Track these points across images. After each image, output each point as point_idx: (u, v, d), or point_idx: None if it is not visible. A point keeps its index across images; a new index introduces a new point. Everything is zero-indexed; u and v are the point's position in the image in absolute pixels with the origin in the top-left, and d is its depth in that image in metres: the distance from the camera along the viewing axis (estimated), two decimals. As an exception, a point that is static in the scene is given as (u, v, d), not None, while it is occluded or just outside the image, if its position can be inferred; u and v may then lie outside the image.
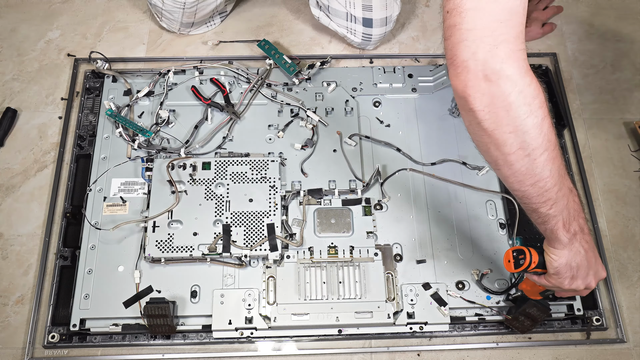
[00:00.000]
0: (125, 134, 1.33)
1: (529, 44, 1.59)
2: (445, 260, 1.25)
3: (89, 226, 1.24)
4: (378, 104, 1.42)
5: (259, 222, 1.23)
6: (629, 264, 1.31)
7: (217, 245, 1.20)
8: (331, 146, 1.35)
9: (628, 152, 1.44)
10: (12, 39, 1.55)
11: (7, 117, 1.40)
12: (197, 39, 1.56)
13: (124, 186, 1.29)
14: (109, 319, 1.17)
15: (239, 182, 1.27)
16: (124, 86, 1.41)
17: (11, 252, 1.28)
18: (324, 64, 1.42)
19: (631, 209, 1.37)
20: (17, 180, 1.36)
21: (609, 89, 1.53)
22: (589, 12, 1.66)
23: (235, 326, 1.16)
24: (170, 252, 1.19)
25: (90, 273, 1.20)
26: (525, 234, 1.26)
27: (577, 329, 1.22)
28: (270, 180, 1.27)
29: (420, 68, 1.46)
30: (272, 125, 1.38)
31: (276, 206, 1.25)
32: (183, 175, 1.27)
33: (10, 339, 1.20)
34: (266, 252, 1.20)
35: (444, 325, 1.18)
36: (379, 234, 1.26)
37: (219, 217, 1.23)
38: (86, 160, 1.34)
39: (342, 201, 1.29)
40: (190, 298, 1.19)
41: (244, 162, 1.29)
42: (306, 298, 1.18)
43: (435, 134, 1.39)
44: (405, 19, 1.63)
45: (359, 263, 1.21)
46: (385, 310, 1.17)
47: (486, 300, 1.21)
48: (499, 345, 1.21)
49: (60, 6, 1.61)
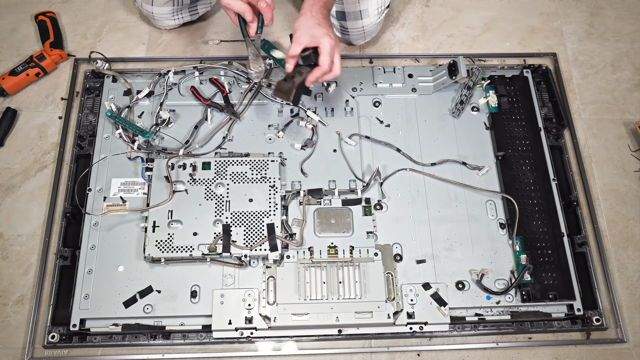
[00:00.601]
0: (125, 135, 1.33)
1: (528, 44, 1.59)
2: (445, 260, 1.25)
3: (89, 226, 1.24)
4: (378, 104, 1.42)
5: (259, 222, 1.23)
6: (629, 264, 1.31)
7: (217, 245, 1.20)
8: (331, 146, 1.35)
9: (628, 152, 1.44)
10: (12, 39, 1.55)
11: (7, 117, 1.41)
12: (197, 39, 1.56)
13: (124, 186, 1.29)
14: (108, 319, 1.17)
15: (239, 182, 1.27)
16: (124, 86, 1.41)
17: (11, 252, 1.28)
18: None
19: (631, 209, 1.37)
20: (17, 180, 1.36)
21: (609, 89, 1.53)
22: (589, 12, 1.67)
23: (235, 326, 1.16)
24: (170, 252, 1.19)
25: (90, 273, 1.20)
26: (525, 234, 1.26)
27: (577, 329, 1.22)
28: (270, 180, 1.27)
29: (420, 68, 1.46)
30: (272, 125, 1.38)
31: (276, 206, 1.25)
32: (183, 175, 1.27)
33: (10, 339, 1.20)
34: (266, 252, 1.20)
35: (444, 325, 1.18)
36: (379, 234, 1.26)
37: (219, 217, 1.23)
38: (86, 160, 1.34)
39: (342, 201, 1.29)
40: (190, 298, 1.19)
41: (244, 162, 1.29)
42: (306, 298, 1.18)
43: (435, 134, 1.39)
44: (405, 19, 1.63)
45: (359, 263, 1.21)
46: (385, 310, 1.17)
47: (486, 300, 1.21)
48: (499, 345, 1.21)
49: (60, 6, 1.61)
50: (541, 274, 1.23)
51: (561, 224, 1.28)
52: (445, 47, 1.59)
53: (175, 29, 1.57)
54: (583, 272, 1.27)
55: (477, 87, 1.43)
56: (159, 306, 1.18)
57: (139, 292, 1.18)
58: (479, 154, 1.36)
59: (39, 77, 1.47)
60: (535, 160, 1.34)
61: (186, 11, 1.52)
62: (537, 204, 1.30)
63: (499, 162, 1.34)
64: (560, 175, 1.37)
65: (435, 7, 1.67)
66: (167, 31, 1.57)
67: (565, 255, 1.25)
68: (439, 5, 1.67)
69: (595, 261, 1.29)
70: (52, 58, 1.47)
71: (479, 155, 1.36)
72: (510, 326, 1.21)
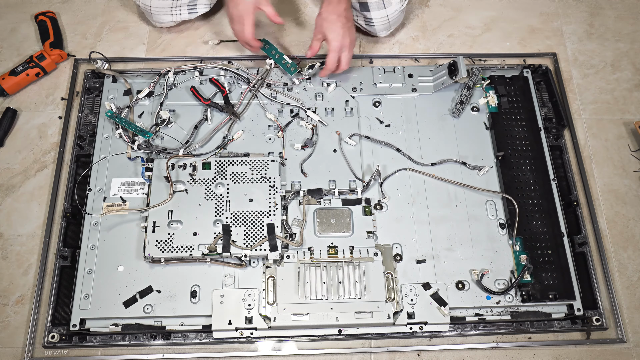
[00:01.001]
0: (125, 135, 1.33)
1: (528, 44, 1.59)
2: (445, 260, 1.25)
3: (89, 226, 1.24)
4: (378, 104, 1.42)
5: (259, 222, 1.23)
6: (629, 264, 1.31)
7: (217, 245, 1.20)
8: (331, 146, 1.35)
9: (628, 152, 1.44)
10: (12, 39, 1.55)
11: (7, 117, 1.41)
12: (197, 39, 1.56)
13: (124, 186, 1.29)
14: (108, 319, 1.17)
15: (239, 182, 1.27)
16: (124, 86, 1.41)
17: (11, 252, 1.28)
18: (324, 64, 1.43)
19: (631, 209, 1.37)
20: (17, 180, 1.36)
21: (609, 89, 1.53)
22: (589, 12, 1.67)
23: (235, 326, 1.16)
24: (170, 252, 1.19)
25: (90, 273, 1.20)
26: (525, 234, 1.26)
27: (577, 329, 1.22)
28: (270, 180, 1.27)
29: (420, 68, 1.46)
30: (272, 125, 1.38)
31: (276, 206, 1.25)
32: (183, 175, 1.27)
33: (10, 339, 1.20)
34: (266, 252, 1.20)
35: (444, 325, 1.18)
36: (379, 234, 1.26)
37: (219, 217, 1.23)
38: (86, 160, 1.34)
39: (342, 201, 1.29)
40: (190, 298, 1.19)
41: (244, 162, 1.29)
42: (306, 298, 1.18)
43: (435, 134, 1.39)
44: (405, 18, 1.63)
45: (359, 263, 1.21)
46: (385, 310, 1.17)
47: (486, 300, 1.21)
48: (499, 345, 1.21)
49: (60, 6, 1.61)
50: (541, 274, 1.23)
51: (561, 224, 1.28)
52: (445, 47, 1.59)
53: (175, 29, 1.57)
54: (583, 272, 1.27)
55: (477, 87, 1.43)
56: (159, 306, 1.18)
57: (139, 292, 1.19)
58: (479, 154, 1.36)
59: (39, 77, 1.47)
60: (535, 160, 1.34)
61: (185, 8, 1.51)
62: (537, 204, 1.30)
63: (499, 162, 1.34)
64: (560, 175, 1.37)
65: (435, 7, 1.67)
66: (167, 31, 1.57)
67: (565, 255, 1.25)
68: (439, 5, 1.67)
69: (595, 261, 1.29)
70: (52, 58, 1.47)
71: (478, 155, 1.36)
72: (510, 326, 1.21)
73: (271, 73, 1.43)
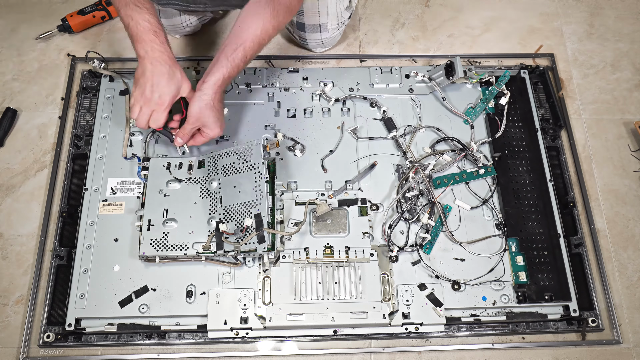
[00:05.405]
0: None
1: (528, 44, 1.59)
2: (441, 261, 1.24)
3: (85, 225, 1.25)
4: (374, 104, 1.41)
5: (249, 213, 1.19)
6: (629, 264, 1.30)
7: (211, 243, 1.19)
8: (331, 146, 1.36)
9: (628, 152, 1.43)
10: (12, 39, 1.56)
11: (7, 117, 1.41)
12: (196, 39, 1.57)
13: (120, 185, 1.29)
14: (104, 318, 1.17)
15: (228, 175, 1.24)
16: (122, 85, 1.41)
17: (11, 252, 1.29)
18: None
19: (631, 209, 1.36)
20: (17, 180, 1.37)
21: (609, 89, 1.52)
22: (589, 12, 1.66)
23: (231, 326, 1.16)
24: (165, 250, 1.19)
25: (86, 272, 1.20)
26: (521, 235, 1.26)
27: (572, 330, 1.21)
28: (255, 166, 1.23)
29: (418, 68, 1.46)
30: (268, 126, 1.38)
31: (261, 194, 1.20)
32: (180, 173, 1.27)
33: (10, 339, 1.21)
34: (255, 244, 1.17)
35: (439, 326, 1.18)
36: (375, 235, 1.26)
37: (213, 214, 1.23)
38: (83, 159, 1.35)
39: (338, 201, 1.29)
40: (186, 298, 1.19)
41: (230, 152, 1.26)
42: (302, 298, 1.18)
43: (433, 134, 1.38)
44: (405, 19, 1.62)
45: (355, 263, 1.21)
46: (380, 310, 1.17)
47: (482, 301, 1.21)
48: (495, 346, 1.20)
49: (60, 6, 1.62)
50: (537, 275, 1.22)
51: (557, 225, 1.27)
52: (445, 47, 1.59)
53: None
54: (579, 273, 1.26)
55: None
56: (155, 306, 1.18)
57: (135, 292, 1.19)
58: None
59: (104, 20, 1.57)
60: (532, 161, 1.34)
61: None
62: (534, 205, 1.29)
63: (496, 163, 1.33)
64: (557, 176, 1.36)
65: (435, 7, 1.66)
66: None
67: (561, 256, 1.24)
68: (439, 5, 1.67)
69: (592, 262, 1.29)
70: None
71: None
72: (506, 327, 1.21)
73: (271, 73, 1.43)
